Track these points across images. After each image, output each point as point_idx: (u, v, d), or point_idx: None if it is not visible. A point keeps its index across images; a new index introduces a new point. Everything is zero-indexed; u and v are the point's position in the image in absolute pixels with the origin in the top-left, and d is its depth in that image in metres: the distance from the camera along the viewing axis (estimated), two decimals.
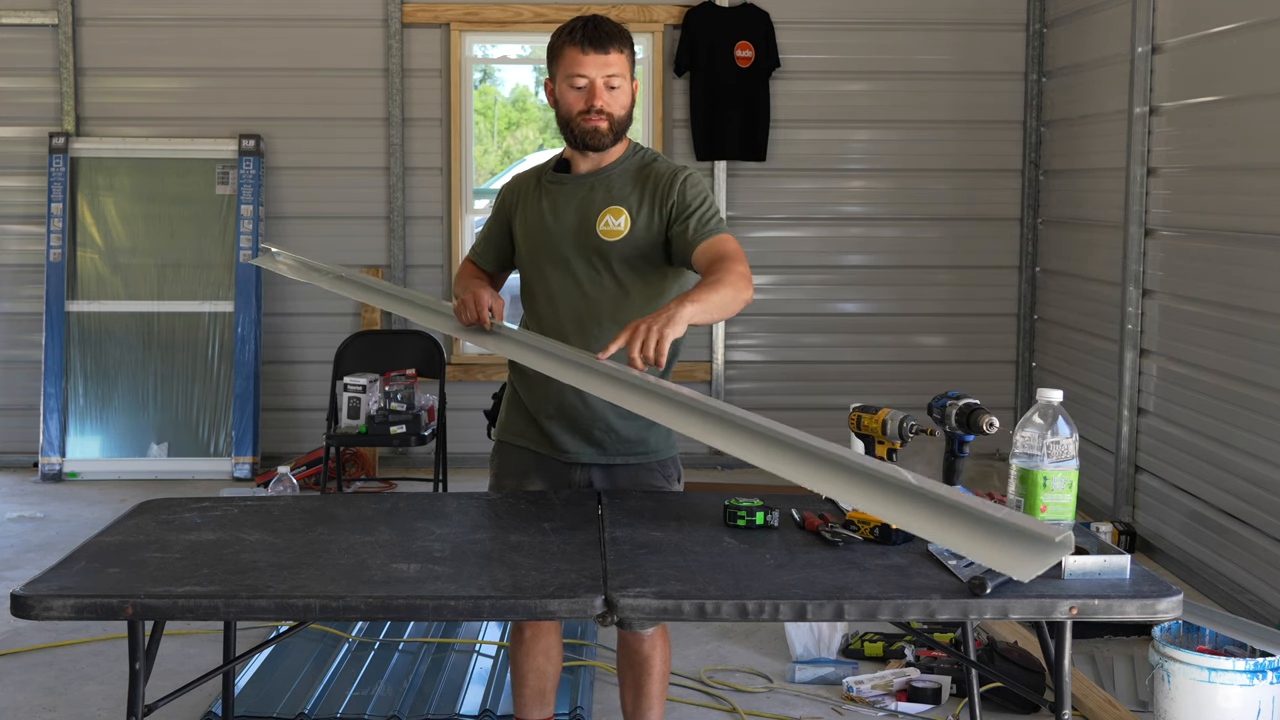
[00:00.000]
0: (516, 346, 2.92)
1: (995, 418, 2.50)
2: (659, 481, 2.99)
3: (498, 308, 2.94)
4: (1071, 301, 6.30)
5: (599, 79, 2.84)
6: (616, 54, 2.86)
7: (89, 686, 3.96)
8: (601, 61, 2.84)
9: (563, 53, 2.87)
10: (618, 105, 2.88)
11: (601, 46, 2.84)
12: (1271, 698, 3.29)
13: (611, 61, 2.85)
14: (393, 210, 6.73)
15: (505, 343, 2.94)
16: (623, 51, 2.87)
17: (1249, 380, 4.59)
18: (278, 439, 6.70)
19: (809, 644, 4.09)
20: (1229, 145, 4.81)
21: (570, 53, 2.85)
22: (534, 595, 2.30)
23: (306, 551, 2.52)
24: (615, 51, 2.85)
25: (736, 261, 2.74)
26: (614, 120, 2.88)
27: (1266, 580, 4.46)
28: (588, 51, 2.83)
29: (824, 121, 6.80)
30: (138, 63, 6.70)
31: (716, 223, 2.86)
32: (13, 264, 6.74)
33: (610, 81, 2.85)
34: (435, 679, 3.96)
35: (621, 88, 2.88)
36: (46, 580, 2.34)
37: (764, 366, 6.91)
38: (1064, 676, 2.33)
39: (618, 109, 2.88)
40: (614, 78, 2.86)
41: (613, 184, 2.92)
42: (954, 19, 6.74)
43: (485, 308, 2.92)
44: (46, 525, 5.71)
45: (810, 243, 6.88)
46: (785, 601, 2.26)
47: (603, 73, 2.84)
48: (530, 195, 3.01)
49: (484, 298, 2.93)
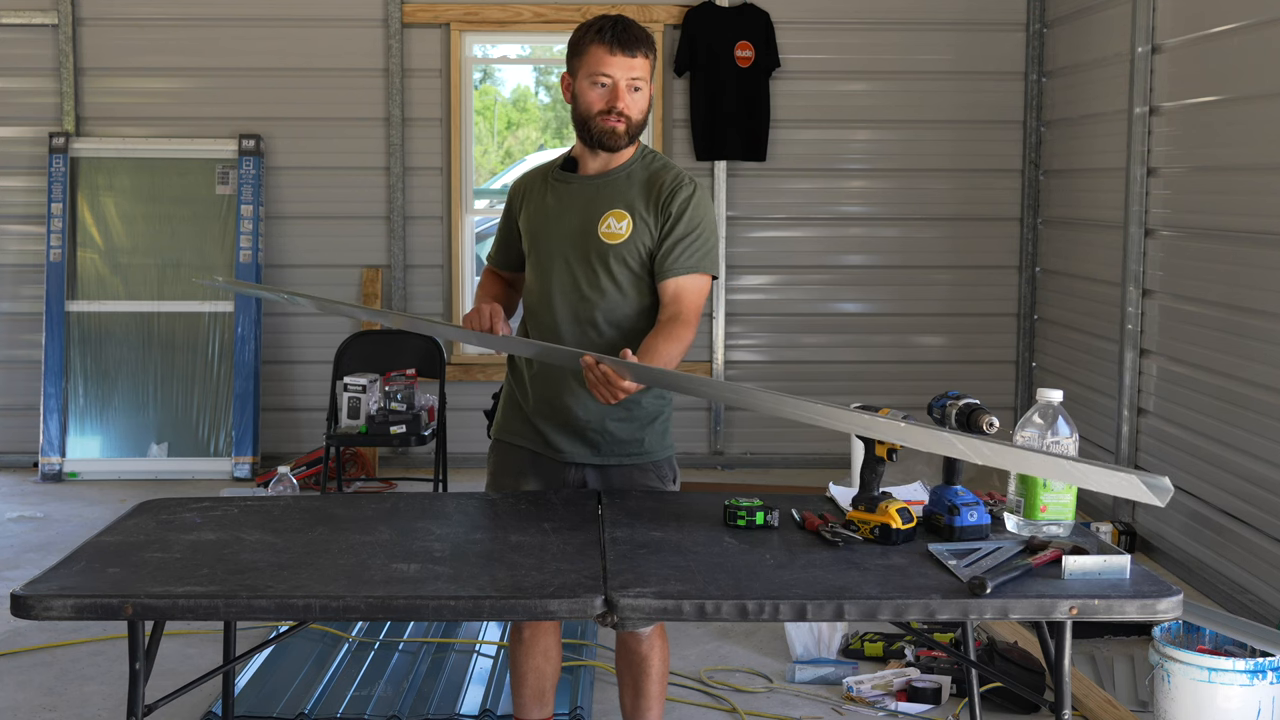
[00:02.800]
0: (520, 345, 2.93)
1: (995, 418, 2.50)
2: (653, 482, 2.99)
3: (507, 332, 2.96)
4: (1071, 301, 6.30)
5: (623, 81, 2.85)
6: (642, 58, 2.86)
7: (89, 686, 3.96)
8: (627, 64, 2.85)
9: (588, 50, 2.87)
10: (637, 109, 2.88)
11: (629, 49, 2.84)
12: (1271, 698, 3.29)
13: (636, 65, 2.86)
14: (393, 210, 6.73)
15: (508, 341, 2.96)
16: (648, 56, 2.88)
17: (1249, 380, 4.59)
18: (278, 439, 6.70)
19: (809, 644, 4.09)
20: (1229, 145, 4.81)
21: (597, 51, 2.85)
22: (534, 595, 2.30)
23: (306, 551, 2.52)
24: (641, 56, 2.86)
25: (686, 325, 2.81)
26: (631, 123, 2.88)
27: (1266, 580, 4.46)
28: (615, 53, 2.84)
29: (824, 121, 6.80)
30: (138, 63, 6.70)
31: (698, 257, 2.88)
32: (13, 264, 6.74)
33: (634, 84, 2.86)
34: (435, 679, 3.96)
35: (643, 91, 2.89)
36: (46, 580, 2.34)
37: (764, 366, 6.91)
38: (1064, 676, 2.34)
39: (636, 113, 2.88)
40: (637, 80, 2.86)
41: (619, 187, 2.93)
42: (954, 19, 6.74)
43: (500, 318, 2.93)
44: (46, 525, 5.71)
45: (810, 243, 6.88)
46: (785, 601, 2.26)
47: (627, 75, 2.85)
48: (536, 192, 3.02)
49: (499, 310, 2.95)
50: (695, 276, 2.87)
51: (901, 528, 2.53)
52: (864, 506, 2.59)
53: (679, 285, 2.86)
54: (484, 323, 2.93)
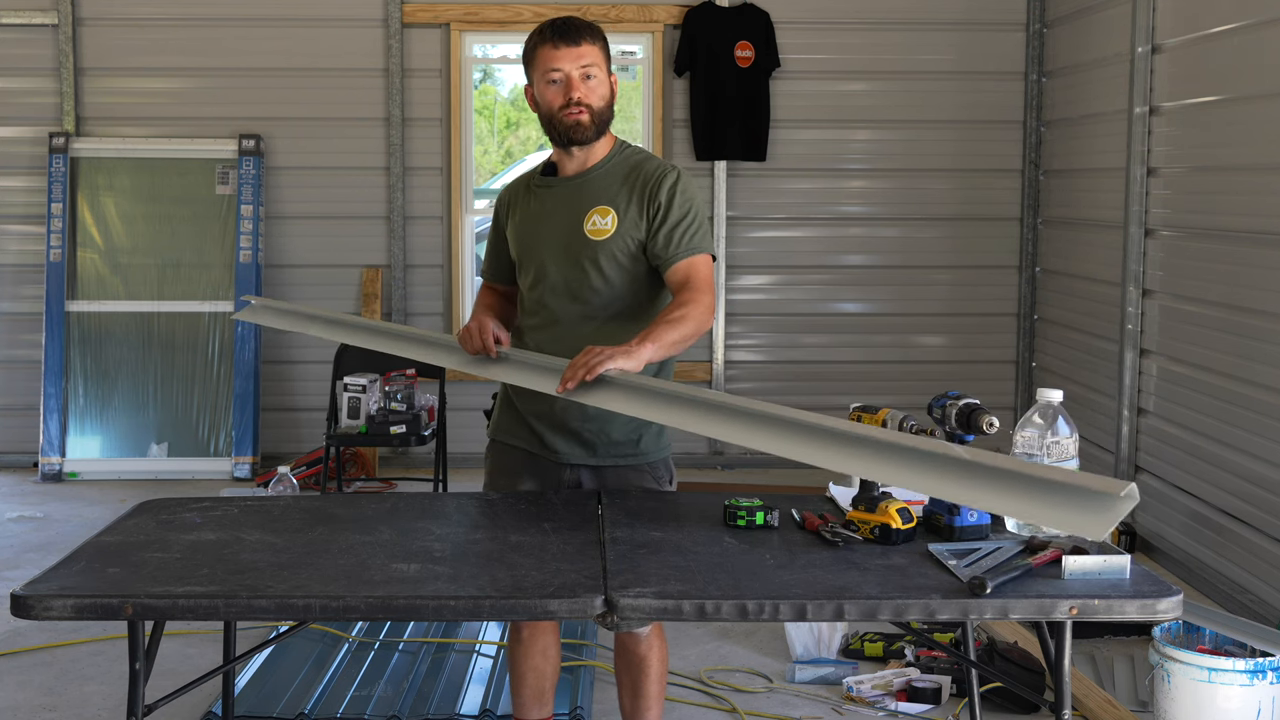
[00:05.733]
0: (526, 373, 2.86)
1: (995, 418, 2.50)
2: (649, 483, 2.99)
3: (503, 338, 2.93)
4: (1071, 301, 6.30)
5: (574, 71, 2.86)
6: (589, 45, 2.88)
7: (89, 686, 3.96)
8: (574, 54, 2.86)
9: (536, 53, 2.90)
10: (596, 96, 2.88)
11: (571, 39, 2.86)
12: (1271, 698, 3.30)
13: (584, 53, 2.87)
14: (393, 210, 6.73)
15: (514, 370, 2.89)
16: (595, 43, 2.89)
17: (1249, 380, 4.59)
18: (278, 439, 6.70)
19: (809, 644, 4.09)
20: (1229, 145, 4.81)
21: (543, 51, 2.88)
22: (534, 595, 2.30)
23: (306, 551, 2.52)
24: (587, 43, 2.88)
25: (703, 293, 2.80)
26: (594, 112, 2.88)
27: (1266, 580, 4.46)
28: (559, 46, 2.86)
29: (824, 121, 6.80)
30: (138, 63, 6.70)
31: (698, 239, 2.88)
32: (13, 264, 6.74)
33: (586, 72, 2.87)
34: (435, 679, 3.96)
35: (598, 78, 2.89)
36: (46, 580, 2.34)
37: (764, 366, 6.92)
38: (1064, 676, 2.33)
39: (596, 100, 2.88)
40: (589, 68, 2.87)
41: (600, 183, 2.93)
42: (954, 19, 6.74)
43: (490, 335, 2.89)
44: (46, 525, 5.71)
45: (810, 243, 6.88)
46: (785, 601, 2.26)
47: (577, 64, 2.86)
48: (521, 201, 3.03)
49: (488, 325, 2.91)
50: (699, 256, 2.88)
51: (901, 528, 2.53)
52: (864, 506, 2.58)
53: (688, 266, 2.86)
54: (474, 344, 2.90)
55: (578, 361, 2.63)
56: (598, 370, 2.60)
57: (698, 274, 2.85)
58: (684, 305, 2.77)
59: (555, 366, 2.75)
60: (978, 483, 2.24)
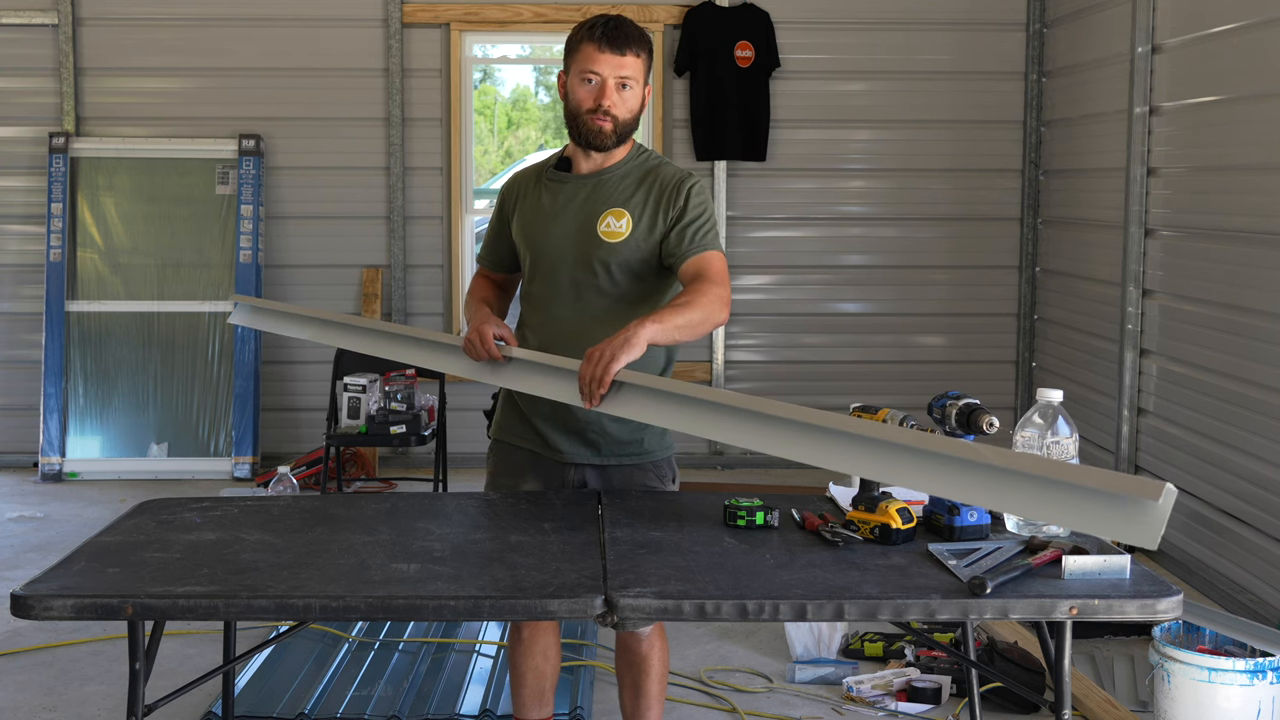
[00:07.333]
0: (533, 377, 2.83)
1: (995, 418, 2.50)
2: (653, 482, 2.99)
3: (506, 336, 2.87)
4: (1071, 301, 6.30)
5: (611, 78, 2.84)
6: (633, 57, 2.85)
7: (89, 686, 3.96)
8: (616, 62, 2.84)
9: (579, 48, 2.87)
10: (625, 108, 2.87)
11: (618, 47, 2.84)
12: (1271, 698, 3.29)
13: (626, 63, 2.85)
14: (393, 210, 6.73)
15: (520, 375, 2.86)
16: (639, 55, 2.87)
17: (1249, 380, 4.59)
18: (278, 439, 6.70)
19: (809, 644, 4.09)
20: (1229, 145, 4.81)
21: (587, 49, 2.85)
22: (534, 595, 2.30)
23: (306, 551, 2.52)
24: (632, 54, 2.85)
25: (715, 284, 2.78)
26: (619, 122, 2.87)
27: (1266, 580, 4.46)
28: (604, 50, 2.83)
29: (824, 121, 6.80)
30: (138, 63, 6.70)
31: (711, 237, 2.88)
32: (13, 264, 6.74)
33: (623, 81, 2.85)
34: (435, 679, 3.96)
35: (633, 90, 2.87)
36: (46, 580, 2.34)
37: (764, 366, 6.92)
38: (1064, 676, 2.33)
39: (625, 111, 2.87)
40: (626, 79, 2.85)
41: (616, 185, 2.92)
42: (953, 19, 6.74)
43: (492, 343, 2.84)
44: (46, 525, 5.71)
45: (810, 243, 6.88)
46: (785, 601, 2.26)
47: (616, 73, 2.84)
48: (530, 192, 3.01)
49: (488, 331, 2.85)
50: (712, 252, 2.87)
51: (901, 528, 2.53)
52: (864, 506, 2.59)
53: (700, 260, 2.83)
54: (479, 354, 2.85)
55: (585, 374, 2.59)
56: (608, 380, 2.57)
57: (710, 267, 2.83)
58: (692, 293, 2.75)
59: (565, 368, 2.73)
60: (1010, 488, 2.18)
